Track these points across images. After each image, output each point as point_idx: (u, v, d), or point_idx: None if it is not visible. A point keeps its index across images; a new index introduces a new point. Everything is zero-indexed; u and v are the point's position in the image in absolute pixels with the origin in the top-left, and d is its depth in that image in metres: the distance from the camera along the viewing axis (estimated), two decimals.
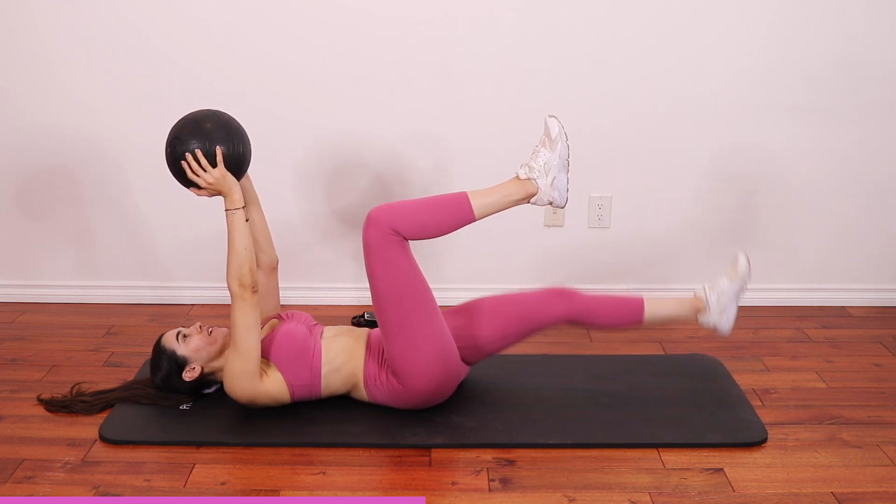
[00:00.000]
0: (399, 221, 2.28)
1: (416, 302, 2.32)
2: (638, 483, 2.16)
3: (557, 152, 2.37)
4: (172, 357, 2.43)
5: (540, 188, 2.37)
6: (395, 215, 2.29)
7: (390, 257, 2.28)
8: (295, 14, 3.00)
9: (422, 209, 2.33)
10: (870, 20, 2.99)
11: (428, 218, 2.32)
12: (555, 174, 2.37)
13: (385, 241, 2.28)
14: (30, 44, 3.04)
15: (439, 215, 2.33)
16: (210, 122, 2.31)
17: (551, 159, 2.36)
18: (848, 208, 3.19)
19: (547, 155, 2.37)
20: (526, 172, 2.37)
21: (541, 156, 2.37)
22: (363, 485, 2.17)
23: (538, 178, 2.36)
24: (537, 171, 2.36)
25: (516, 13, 2.99)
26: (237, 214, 2.31)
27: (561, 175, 2.39)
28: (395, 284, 2.30)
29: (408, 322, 2.31)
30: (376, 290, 2.33)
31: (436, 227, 2.34)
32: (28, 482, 2.18)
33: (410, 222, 2.29)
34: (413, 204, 2.34)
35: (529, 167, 2.37)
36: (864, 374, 2.73)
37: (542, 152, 2.37)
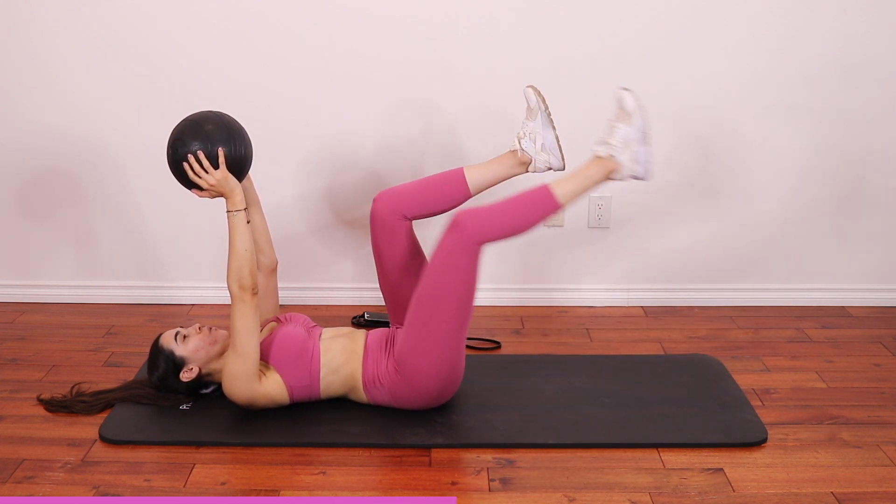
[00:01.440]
0: (487, 232, 2.26)
1: (460, 307, 2.30)
2: (638, 483, 2.16)
3: (635, 125, 2.33)
4: (170, 357, 2.43)
5: (621, 163, 2.34)
6: (483, 225, 2.26)
7: (462, 266, 2.27)
8: (295, 14, 3.00)
9: (508, 212, 2.30)
10: (870, 20, 2.99)
11: (516, 219, 2.30)
12: (634, 148, 2.33)
13: (464, 251, 2.26)
14: (30, 44, 3.04)
15: (526, 214, 2.30)
16: (211, 124, 2.31)
17: (629, 133, 2.33)
18: (848, 208, 3.19)
19: (624, 129, 2.33)
20: (604, 150, 2.34)
21: (618, 130, 2.33)
22: (363, 485, 2.17)
23: (618, 153, 2.33)
24: (616, 146, 2.33)
25: (516, 13, 2.99)
26: (239, 216, 2.31)
27: (641, 148, 2.35)
28: (451, 285, 2.28)
29: (442, 326, 2.30)
30: (430, 288, 2.29)
31: (524, 226, 2.31)
32: (28, 482, 2.18)
33: (498, 229, 2.28)
34: (498, 208, 2.30)
35: (607, 143, 2.34)
36: (864, 374, 2.73)
37: (619, 127, 2.34)
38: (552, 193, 2.32)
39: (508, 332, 3.05)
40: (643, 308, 3.26)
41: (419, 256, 2.54)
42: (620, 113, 2.36)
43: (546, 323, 3.14)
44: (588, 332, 3.06)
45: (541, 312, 3.23)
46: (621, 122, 2.35)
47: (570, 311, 3.24)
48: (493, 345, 2.94)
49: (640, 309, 3.25)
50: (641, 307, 3.27)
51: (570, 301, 3.28)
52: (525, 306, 3.28)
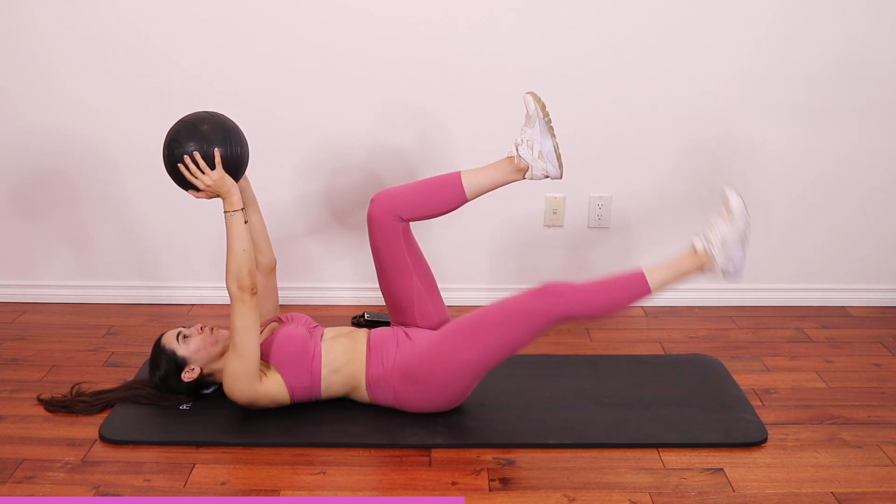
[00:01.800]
0: (577, 309, 2.30)
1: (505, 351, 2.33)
2: (638, 483, 2.16)
3: (737, 228, 2.35)
4: (172, 357, 2.43)
5: (716, 262, 2.36)
6: (574, 301, 2.29)
7: (535, 326, 2.30)
8: (294, 14, 3.00)
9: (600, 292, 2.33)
10: (870, 20, 2.99)
11: (605, 300, 2.33)
12: (732, 249, 2.35)
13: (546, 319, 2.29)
14: (29, 44, 3.04)
15: (617, 296, 2.34)
16: (207, 124, 2.31)
17: (729, 234, 2.35)
18: (848, 208, 3.19)
19: (725, 229, 2.35)
20: (702, 244, 2.36)
21: (719, 228, 2.35)
22: (363, 485, 2.17)
23: (715, 252, 2.35)
24: (714, 244, 2.35)
25: (516, 13, 2.99)
26: (236, 216, 2.31)
27: (738, 250, 2.36)
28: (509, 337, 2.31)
29: (483, 358, 2.32)
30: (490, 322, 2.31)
31: (612, 308, 2.36)
32: (28, 482, 2.18)
33: (587, 308, 2.31)
34: (591, 288, 2.33)
35: (706, 240, 2.36)
36: (864, 374, 2.73)
37: (721, 225, 2.36)
38: (646, 281, 2.34)
39: None
40: (643, 308, 3.26)
41: (417, 257, 2.53)
42: (725, 211, 2.37)
43: None
44: (588, 332, 3.06)
45: None
46: (724, 220, 2.36)
47: None
48: None
49: (640, 309, 3.25)
50: (641, 307, 3.27)
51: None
52: None
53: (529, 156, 2.43)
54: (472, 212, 2.94)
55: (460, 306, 3.19)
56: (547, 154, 2.41)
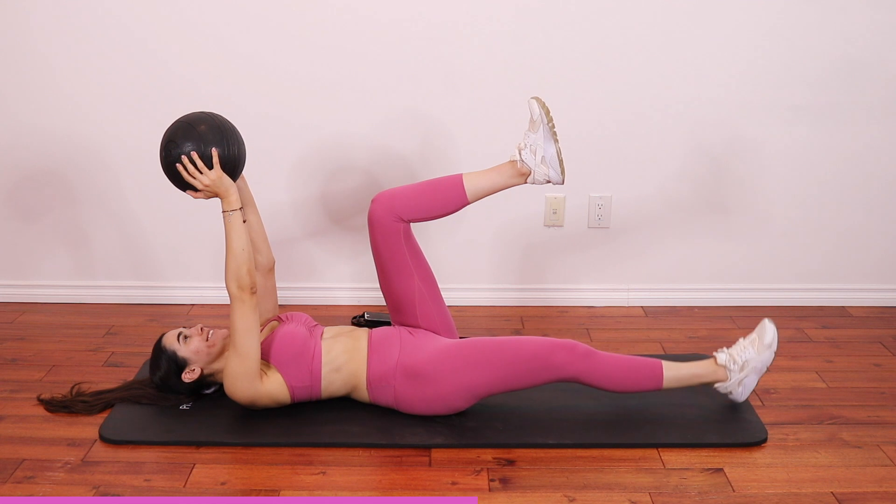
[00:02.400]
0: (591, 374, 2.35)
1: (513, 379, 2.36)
2: (638, 483, 2.16)
3: (763, 358, 2.42)
4: (172, 357, 2.43)
5: (731, 380, 2.42)
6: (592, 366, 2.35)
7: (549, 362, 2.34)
8: (293, 17, 2.99)
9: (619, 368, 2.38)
10: (872, 20, 2.98)
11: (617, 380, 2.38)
12: (750, 375, 2.43)
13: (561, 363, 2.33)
14: (24, 46, 3.03)
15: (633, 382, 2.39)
16: (204, 125, 2.31)
17: (753, 360, 2.41)
18: (848, 208, 3.19)
19: (753, 355, 2.42)
20: (724, 359, 2.42)
21: (747, 352, 2.42)
22: (363, 485, 2.17)
23: (733, 374, 2.41)
24: (736, 364, 2.42)
25: (517, 14, 2.99)
26: (235, 216, 2.31)
27: (753, 378, 2.43)
28: (525, 373, 2.35)
29: (489, 374, 2.35)
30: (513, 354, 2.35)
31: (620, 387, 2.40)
32: (28, 482, 2.18)
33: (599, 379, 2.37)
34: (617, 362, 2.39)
35: (731, 356, 2.42)
36: (864, 374, 2.73)
37: (749, 350, 2.42)
38: (661, 373, 2.39)
39: (508, 332, 3.05)
40: (643, 308, 3.26)
41: (418, 257, 2.53)
42: (758, 339, 2.43)
43: (546, 323, 3.13)
44: (588, 332, 3.06)
45: (541, 312, 3.22)
46: (754, 347, 2.42)
47: (570, 311, 3.24)
48: None
49: (640, 309, 3.25)
50: (641, 307, 3.27)
51: (570, 301, 3.28)
52: (525, 306, 3.28)
53: (532, 160, 2.42)
54: (472, 212, 2.94)
55: (461, 306, 3.21)
56: (550, 159, 2.42)
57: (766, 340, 2.42)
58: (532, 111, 2.42)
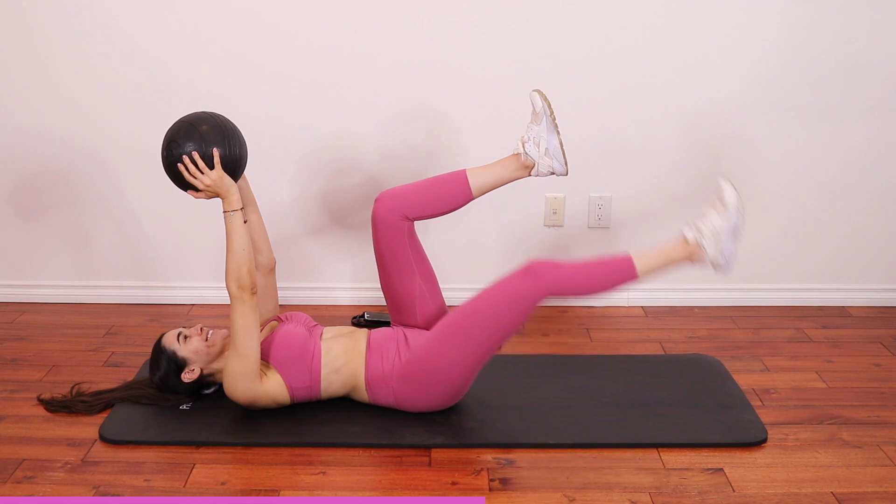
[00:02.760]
0: (560, 285, 2.30)
1: (495, 341, 2.34)
2: (638, 483, 2.16)
3: (729, 219, 2.33)
4: (172, 357, 2.43)
5: (706, 253, 2.34)
6: (559, 277, 2.29)
7: (522, 307, 2.31)
8: (295, 15, 2.99)
9: (586, 272, 2.33)
10: (872, 19, 2.98)
11: (592, 281, 2.33)
12: (724, 241, 2.34)
13: (530, 296, 2.29)
14: (23, 46, 3.03)
15: (604, 279, 2.33)
16: (205, 125, 2.31)
17: (721, 225, 2.33)
18: (848, 208, 3.19)
19: (717, 220, 2.33)
20: (693, 235, 2.35)
21: (711, 219, 2.34)
22: (363, 485, 2.17)
23: (706, 244, 2.34)
24: (706, 235, 2.34)
25: (517, 14, 2.99)
26: (235, 216, 2.31)
27: (729, 242, 2.34)
28: (503, 323, 2.31)
29: (478, 349, 2.32)
30: (481, 312, 2.31)
31: (597, 289, 2.35)
32: (28, 482, 2.18)
33: (572, 286, 2.31)
34: (578, 267, 2.34)
35: (699, 229, 2.35)
36: (864, 374, 2.73)
37: (713, 216, 2.34)
38: (633, 265, 2.33)
39: None
40: (643, 308, 3.26)
41: (421, 257, 2.53)
42: (718, 203, 2.35)
43: (546, 323, 3.13)
44: (588, 332, 3.06)
45: (541, 312, 3.22)
46: (716, 211, 2.34)
47: (570, 311, 3.24)
48: None
49: (640, 309, 3.25)
50: (641, 307, 3.27)
51: (570, 301, 3.28)
52: None
53: (536, 153, 2.44)
54: (472, 212, 2.94)
55: None
56: (553, 151, 2.42)
57: (726, 199, 2.33)
58: (534, 104, 2.43)
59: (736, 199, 2.33)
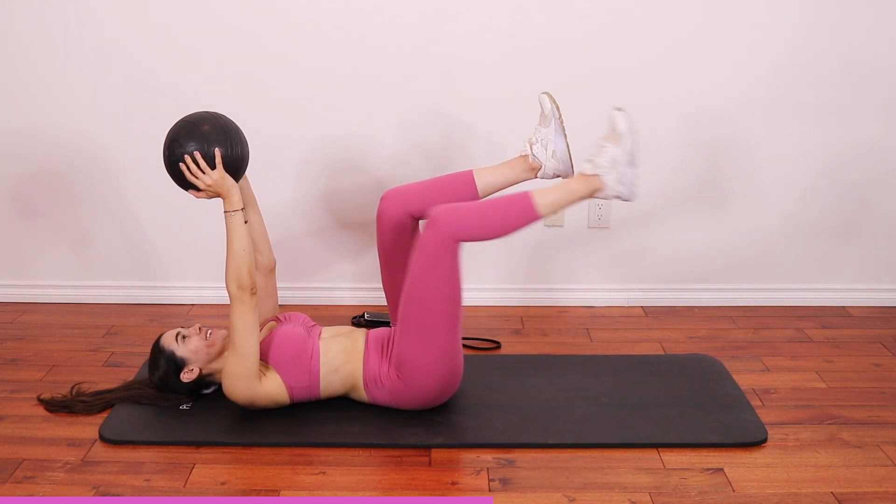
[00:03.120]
0: (463, 230, 2.26)
1: (448, 307, 2.31)
2: (638, 483, 2.16)
3: (625, 147, 2.32)
4: (171, 358, 2.43)
5: (606, 184, 2.33)
6: (459, 223, 2.26)
7: (441, 261, 2.27)
8: (295, 14, 2.99)
9: (486, 213, 2.30)
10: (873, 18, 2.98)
11: (493, 222, 2.30)
12: (621, 169, 2.32)
13: (441, 247, 2.26)
14: (24, 46, 3.03)
15: (504, 218, 2.30)
16: (207, 124, 2.31)
17: (617, 154, 2.32)
18: (848, 208, 3.19)
19: (613, 150, 2.32)
20: (591, 168, 2.33)
21: (607, 151, 2.33)
22: (363, 485, 2.17)
23: (604, 173, 2.32)
24: (603, 166, 2.32)
25: (516, 14, 2.99)
26: (236, 216, 2.31)
27: (628, 170, 2.33)
28: (435, 286, 2.28)
29: (433, 324, 2.30)
30: (414, 285, 2.30)
31: (500, 229, 2.32)
32: (28, 482, 2.18)
33: (474, 230, 2.28)
34: (477, 208, 2.31)
35: (594, 163, 2.33)
36: (864, 374, 2.73)
37: (608, 147, 2.33)
38: (533, 202, 2.31)
39: (508, 332, 3.05)
40: (643, 308, 3.26)
41: None
42: (611, 133, 2.35)
43: (546, 323, 3.14)
44: (588, 332, 3.06)
45: (541, 312, 3.23)
46: (611, 142, 2.34)
47: (570, 311, 3.24)
48: (493, 345, 2.94)
49: (640, 309, 3.25)
50: (641, 307, 3.27)
51: (570, 301, 3.28)
52: (525, 306, 3.28)
53: (543, 155, 2.44)
54: None
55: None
56: (560, 154, 2.43)
57: (619, 129, 2.32)
58: (543, 106, 2.43)
59: (627, 125, 2.32)
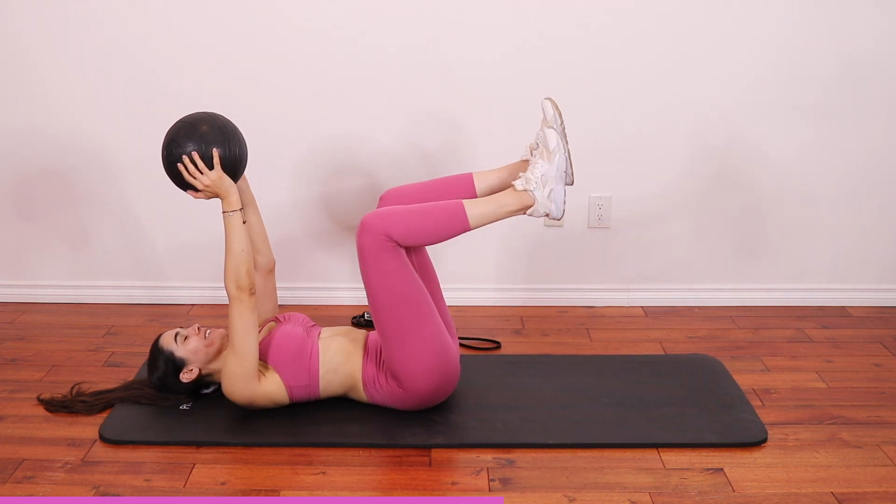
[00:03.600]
0: (392, 228, 2.27)
1: (412, 306, 2.31)
2: (638, 483, 2.16)
3: (555, 164, 2.34)
4: (170, 358, 2.43)
5: (536, 200, 2.34)
6: (388, 221, 2.27)
7: (384, 263, 2.28)
8: (294, 16, 2.99)
9: (416, 216, 2.31)
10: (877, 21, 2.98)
11: (422, 225, 2.31)
12: (552, 186, 2.34)
13: (378, 247, 2.26)
14: (24, 46, 3.03)
15: (434, 224, 2.31)
16: (206, 125, 2.31)
17: (548, 171, 2.34)
18: (848, 209, 3.19)
19: (544, 166, 2.34)
20: (522, 184, 2.35)
21: (538, 167, 2.35)
22: (363, 485, 2.17)
23: (535, 189, 2.34)
24: (534, 182, 2.34)
25: (516, 14, 2.99)
26: (234, 216, 2.31)
27: (558, 187, 2.35)
28: (391, 290, 2.29)
29: (405, 327, 2.31)
30: (372, 295, 2.32)
31: (429, 235, 2.33)
32: (28, 482, 2.18)
33: (404, 229, 2.28)
34: (408, 211, 2.32)
35: (526, 178, 2.35)
36: (864, 374, 2.73)
37: (540, 164, 2.35)
38: (465, 213, 2.32)
39: (508, 332, 3.05)
40: (643, 308, 3.26)
41: (423, 258, 2.53)
42: (543, 150, 2.36)
43: (546, 323, 3.14)
44: (588, 332, 3.06)
45: (541, 312, 3.23)
46: (542, 158, 2.35)
47: (570, 311, 3.24)
48: (493, 345, 2.94)
49: (640, 309, 3.25)
50: (641, 307, 3.27)
51: (570, 301, 3.28)
52: (525, 306, 3.28)
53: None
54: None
55: (461, 306, 3.21)
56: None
57: (551, 146, 2.34)
58: (545, 111, 2.42)
59: (559, 143, 2.33)
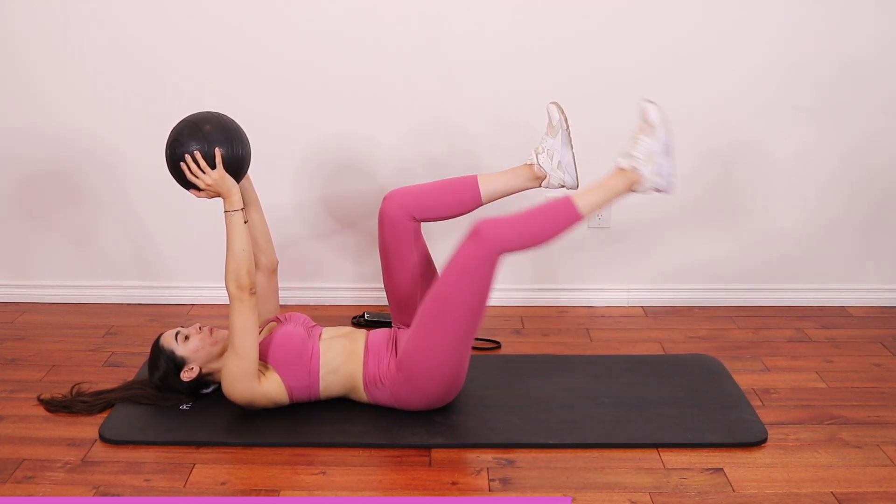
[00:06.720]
0: (508, 242, 2.24)
1: (471, 317, 2.29)
2: (638, 483, 2.16)
3: (659, 138, 2.31)
4: (171, 357, 2.43)
5: (644, 176, 2.32)
6: (504, 235, 2.24)
7: (480, 273, 2.25)
8: (295, 16, 2.99)
9: (529, 222, 2.28)
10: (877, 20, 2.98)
11: (536, 230, 2.28)
12: (658, 160, 2.31)
13: (485, 261, 2.25)
14: (25, 46, 3.03)
15: (547, 225, 2.29)
16: (209, 124, 2.31)
17: (652, 145, 2.30)
18: (848, 209, 3.19)
19: (648, 142, 2.31)
20: (628, 162, 2.32)
21: (641, 143, 2.31)
22: (363, 485, 2.17)
23: (641, 166, 2.31)
24: (640, 159, 2.31)
25: (516, 12, 2.99)
26: (236, 216, 2.31)
27: (664, 161, 2.32)
28: (466, 295, 2.26)
29: (447, 325, 2.29)
30: (444, 288, 2.28)
31: (546, 236, 2.30)
32: (28, 482, 2.18)
33: (519, 240, 2.26)
34: (520, 219, 2.29)
35: (630, 156, 2.32)
36: (864, 374, 2.73)
37: (643, 139, 2.31)
38: (574, 205, 2.30)
39: (508, 332, 3.05)
40: (643, 308, 3.26)
41: (426, 258, 2.53)
42: (644, 125, 2.33)
43: (546, 323, 3.14)
44: (588, 332, 3.06)
45: (541, 312, 3.23)
46: (645, 134, 2.32)
47: (570, 311, 3.24)
48: (493, 345, 2.94)
49: (640, 309, 3.25)
50: (641, 307, 3.27)
51: (570, 301, 3.28)
52: (525, 306, 3.28)
53: (549, 165, 2.44)
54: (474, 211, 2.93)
55: None
56: (566, 165, 2.43)
57: (652, 120, 2.31)
58: (551, 116, 2.43)
59: (660, 116, 2.32)
